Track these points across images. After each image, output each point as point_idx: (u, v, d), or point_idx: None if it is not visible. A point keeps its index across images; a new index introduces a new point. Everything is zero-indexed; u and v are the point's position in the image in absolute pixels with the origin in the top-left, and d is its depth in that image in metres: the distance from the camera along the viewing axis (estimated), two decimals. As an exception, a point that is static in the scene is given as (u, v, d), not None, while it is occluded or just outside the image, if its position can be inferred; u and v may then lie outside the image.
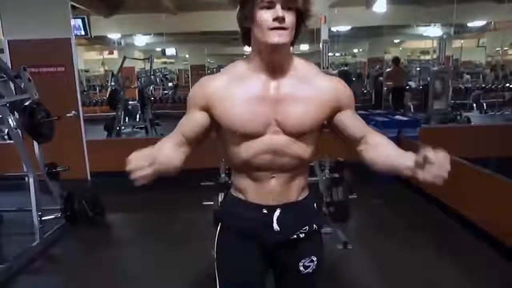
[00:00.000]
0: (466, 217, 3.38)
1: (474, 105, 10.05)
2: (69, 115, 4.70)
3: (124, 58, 8.30)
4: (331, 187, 3.02)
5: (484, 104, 10.01)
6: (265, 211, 1.27)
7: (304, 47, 17.17)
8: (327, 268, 2.77)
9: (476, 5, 10.76)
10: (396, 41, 19.26)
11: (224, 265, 1.36)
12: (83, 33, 8.36)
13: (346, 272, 2.86)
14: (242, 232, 1.31)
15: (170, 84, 16.39)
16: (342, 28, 11.99)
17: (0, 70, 3.28)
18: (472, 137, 5.27)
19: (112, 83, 7.91)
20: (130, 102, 8.32)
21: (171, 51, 17.94)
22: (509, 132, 5.61)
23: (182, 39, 15.72)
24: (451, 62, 15.01)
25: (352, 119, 1.26)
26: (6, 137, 6.13)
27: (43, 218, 3.35)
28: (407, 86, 10.19)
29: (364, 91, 12.33)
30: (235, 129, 1.19)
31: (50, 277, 3.05)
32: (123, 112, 7.72)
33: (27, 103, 3.32)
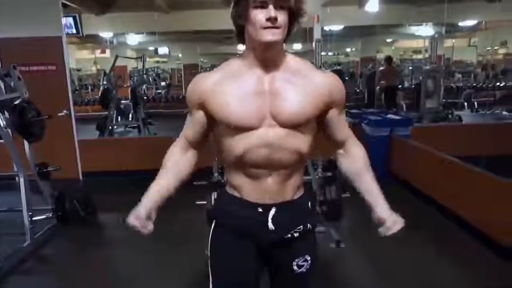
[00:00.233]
0: (461, 217, 3.38)
1: (466, 104, 10.14)
2: (60, 114, 4.65)
3: (116, 57, 8.24)
4: (324, 186, 3.02)
5: (475, 103, 10.10)
6: (260, 209, 1.27)
7: (297, 46, 17.22)
8: (321, 266, 2.77)
9: (467, 4, 10.87)
10: (389, 40, 19.40)
11: (218, 263, 1.35)
12: (74, 31, 8.31)
13: (340, 271, 2.87)
14: (236, 230, 1.30)
15: (163, 83, 16.32)
16: (335, 27, 12.05)
17: (-10, 69, 3.24)
18: (464, 135, 5.30)
19: (104, 82, 7.84)
20: (123, 101, 8.25)
21: (163, 50, 17.91)
22: (500, 131, 5.66)
23: (175, 38, 15.69)
24: (443, 61, 15.13)
25: (338, 119, 1.29)
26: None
27: (34, 218, 3.32)
28: (399, 85, 10.25)
29: (357, 90, 12.38)
30: (231, 123, 1.19)
31: (41, 278, 3.02)
32: (115, 111, 7.66)
33: (17, 102, 3.28)
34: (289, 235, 1.30)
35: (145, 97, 10.17)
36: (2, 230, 3.67)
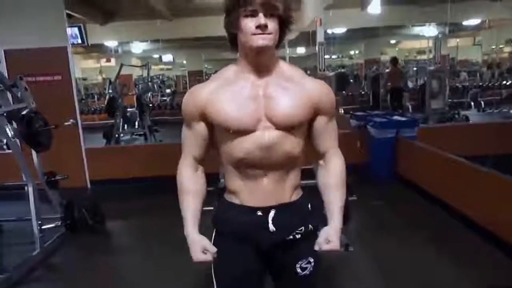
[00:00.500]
0: (468, 216, 3.36)
1: (472, 103, 10.07)
2: (67, 123, 4.70)
3: (121, 65, 8.31)
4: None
5: (482, 102, 10.03)
6: (259, 213, 1.29)
7: (301, 50, 17.22)
8: (328, 269, 2.77)
9: (470, 3, 10.82)
10: (392, 41, 19.32)
11: (220, 268, 1.36)
12: (79, 41, 8.40)
13: (346, 274, 2.85)
14: (236, 236, 1.32)
15: (168, 90, 16.41)
16: (338, 30, 12.03)
17: (-3, 80, 3.29)
18: (470, 135, 5.28)
19: (110, 91, 7.93)
20: (129, 109, 8.33)
21: (168, 57, 18.01)
22: (508, 129, 5.62)
23: (179, 45, 15.78)
24: (447, 61, 15.05)
25: (325, 128, 1.32)
26: (5, 146, 6.12)
27: (43, 227, 3.34)
28: (404, 86, 10.21)
29: (362, 93, 12.35)
30: (229, 127, 1.23)
31: (50, 286, 3.04)
32: (121, 119, 7.73)
33: (25, 112, 3.32)
34: (291, 237, 1.31)
35: (150, 105, 10.23)
36: (12, 240, 3.71)
